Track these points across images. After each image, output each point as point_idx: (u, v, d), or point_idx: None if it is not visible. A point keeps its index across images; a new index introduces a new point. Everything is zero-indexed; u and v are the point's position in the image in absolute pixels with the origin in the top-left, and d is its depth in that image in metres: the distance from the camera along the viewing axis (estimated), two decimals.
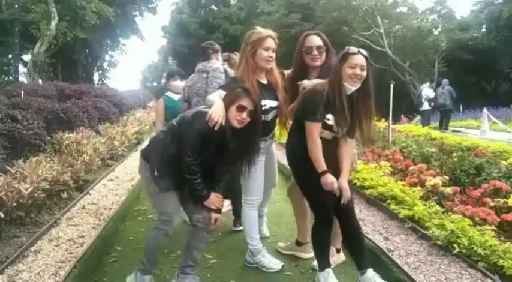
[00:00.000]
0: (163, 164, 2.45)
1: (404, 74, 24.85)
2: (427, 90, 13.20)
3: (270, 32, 2.87)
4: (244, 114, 2.45)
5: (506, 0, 23.18)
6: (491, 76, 27.72)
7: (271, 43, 2.81)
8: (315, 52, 2.88)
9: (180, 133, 2.44)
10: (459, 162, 4.80)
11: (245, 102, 2.46)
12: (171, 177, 2.46)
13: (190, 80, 3.71)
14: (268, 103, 2.84)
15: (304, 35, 2.99)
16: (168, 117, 3.91)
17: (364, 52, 2.53)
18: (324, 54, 2.92)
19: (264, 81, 2.91)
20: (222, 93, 2.62)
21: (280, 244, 3.38)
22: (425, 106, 12.98)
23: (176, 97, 4.00)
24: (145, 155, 2.59)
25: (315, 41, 2.91)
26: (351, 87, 2.47)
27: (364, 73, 2.48)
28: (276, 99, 2.89)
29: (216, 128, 2.37)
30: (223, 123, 2.40)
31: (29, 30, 16.85)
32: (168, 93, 4.04)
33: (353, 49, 2.51)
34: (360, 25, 24.64)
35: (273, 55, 2.83)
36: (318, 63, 2.91)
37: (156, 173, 2.46)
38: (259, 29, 2.90)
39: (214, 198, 2.52)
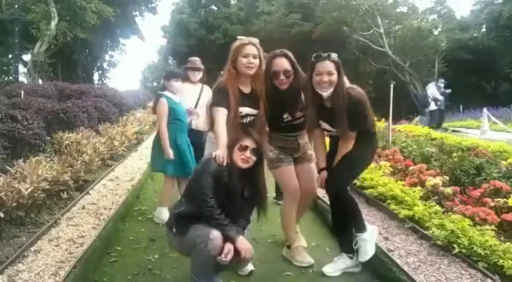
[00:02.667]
0: (179, 221, 2.48)
1: (405, 74, 24.87)
2: (432, 90, 13.19)
3: (251, 39, 2.88)
4: (248, 153, 2.52)
5: (506, 0, 23.19)
6: (491, 76, 27.71)
7: (250, 50, 2.80)
8: (282, 77, 2.84)
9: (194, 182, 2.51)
10: (459, 162, 4.80)
11: (247, 142, 2.54)
12: (189, 226, 2.45)
13: None
14: (245, 110, 2.86)
15: (270, 56, 2.89)
16: (169, 119, 3.87)
17: (333, 57, 2.64)
18: (292, 76, 2.87)
19: (247, 89, 2.90)
20: (222, 109, 2.73)
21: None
22: (433, 106, 13.00)
23: (176, 98, 3.96)
24: (169, 226, 2.59)
25: (282, 64, 2.85)
26: (323, 93, 2.68)
27: (333, 77, 2.63)
28: (257, 107, 2.88)
29: (224, 164, 2.48)
30: (229, 161, 2.51)
31: (29, 30, 16.85)
32: (168, 94, 3.93)
33: (317, 56, 2.67)
34: (360, 25, 24.64)
35: (254, 61, 2.80)
36: (286, 86, 2.87)
37: (174, 230, 2.49)
38: (240, 37, 2.92)
39: (243, 242, 2.42)
